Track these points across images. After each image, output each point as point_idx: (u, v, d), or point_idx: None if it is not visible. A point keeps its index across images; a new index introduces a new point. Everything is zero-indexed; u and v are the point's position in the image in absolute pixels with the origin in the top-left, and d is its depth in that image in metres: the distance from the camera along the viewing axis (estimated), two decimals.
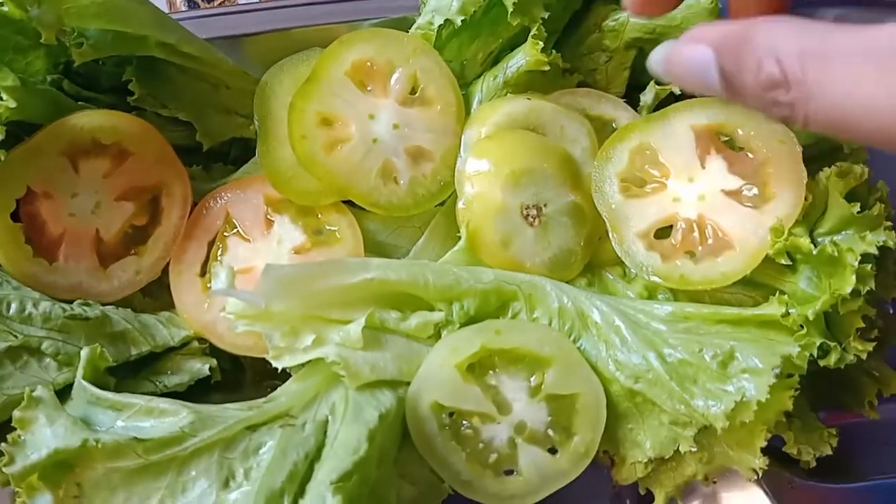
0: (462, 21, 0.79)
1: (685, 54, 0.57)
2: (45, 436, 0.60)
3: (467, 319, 0.72)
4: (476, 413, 0.68)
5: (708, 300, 0.74)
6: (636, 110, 0.82)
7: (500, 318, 0.73)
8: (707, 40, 0.55)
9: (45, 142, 0.71)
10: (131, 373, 0.72)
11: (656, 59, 0.60)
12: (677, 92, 0.80)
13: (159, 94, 0.78)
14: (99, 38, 0.72)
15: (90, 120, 0.73)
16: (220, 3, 1.09)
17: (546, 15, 0.77)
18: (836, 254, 0.66)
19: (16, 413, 0.61)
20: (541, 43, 0.77)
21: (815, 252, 0.67)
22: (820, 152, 0.77)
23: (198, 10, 1.05)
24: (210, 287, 0.75)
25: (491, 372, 0.69)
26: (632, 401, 0.70)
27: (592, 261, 0.77)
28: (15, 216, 0.72)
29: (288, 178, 0.76)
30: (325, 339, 0.69)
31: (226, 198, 0.78)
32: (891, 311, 0.75)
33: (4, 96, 0.66)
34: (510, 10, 0.75)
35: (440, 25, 0.80)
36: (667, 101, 0.81)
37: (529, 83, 0.80)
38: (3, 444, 0.59)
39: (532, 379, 0.69)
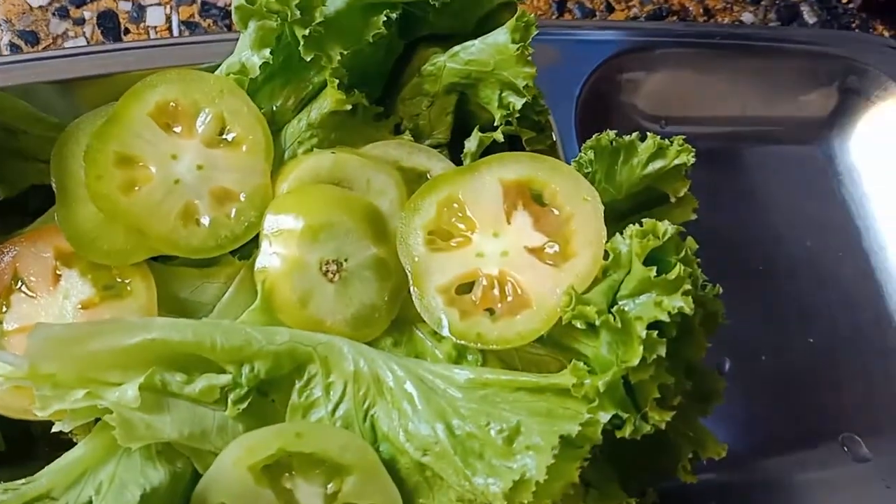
0: (265, 66, 0.76)
1: None
2: None
3: (257, 382, 0.68)
4: None
5: (518, 362, 0.71)
6: (461, 156, 0.78)
7: (297, 381, 0.69)
8: None
9: None
10: None
11: None
12: (500, 140, 0.77)
13: None
14: None
15: None
16: (44, 48, 1.05)
17: (342, 54, 0.73)
18: (620, 324, 0.63)
19: None
20: (338, 81, 0.74)
21: (599, 321, 0.64)
22: (639, 204, 0.74)
23: (21, 55, 1.01)
24: None
25: (287, 474, 0.65)
26: (422, 474, 0.66)
27: (402, 317, 0.74)
28: None
29: (91, 239, 0.72)
30: (98, 396, 0.65)
31: (14, 252, 0.74)
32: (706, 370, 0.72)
33: None
34: (301, 43, 0.72)
35: (241, 70, 0.77)
36: (491, 148, 0.78)
37: (337, 128, 0.78)
38: None
39: (329, 486, 0.65)
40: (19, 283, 0.73)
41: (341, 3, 0.74)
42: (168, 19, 1.08)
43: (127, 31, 1.07)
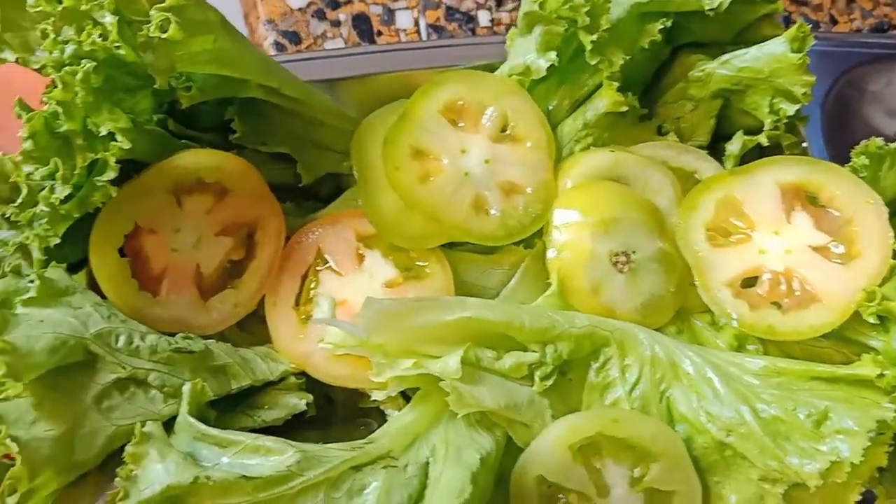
0: (548, 68, 0.81)
1: None
2: (156, 472, 0.62)
3: (560, 362, 0.73)
4: (576, 492, 0.69)
5: (798, 353, 0.76)
6: (721, 160, 0.83)
7: (592, 363, 0.74)
8: None
9: (153, 180, 0.73)
10: (230, 406, 0.74)
11: None
12: (765, 143, 0.82)
13: (259, 132, 0.80)
14: (205, 82, 0.74)
15: (196, 159, 0.76)
16: (306, 47, 1.11)
17: (623, 59, 0.78)
18: None
19: (128, 448, 0.62)
20: (616, 83, 0.79)
21: None
22: None
23: (286, 54, 1.07)
24: (305, 319, 0.76)
25: (598, 455, 0.70)
26: (721, 454, 0.71)
27: (681, 307, 0.79)
28: (120, 251, 0.74)
29: (393, 225, 0.78)
30: (424, 366, 0.70)
31: (317, 233, 0.80)
32: None
33: (119, 137, 0.67)
34: (588, 48, 0.77)
35: (525, 71, 0.82)
36: (752, 151, 0.83)
37: (609, 128, 0.82)
38: (116, 478, 0.61)
39: (636, 470, 0.70)
40: (326, 262, 0.79)
41: (622, 12, 0.79)
42: (416, 22, 1.14)
43: (379, 34, 1.13)
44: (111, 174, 0.67)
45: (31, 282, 0.69)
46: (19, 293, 0.69)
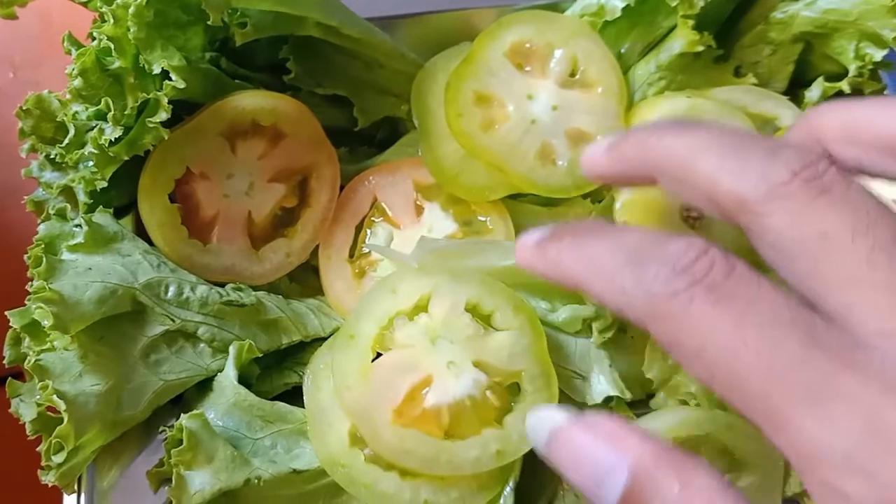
0: (623, 8, 0.76)
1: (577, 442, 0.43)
2: (206, 475, 0.61)
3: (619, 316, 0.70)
4: None
5: None
6: (801, 105, 0.78)
7: None
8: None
9: (206, 122, 0.70)
10: (275, 361, 0.72)
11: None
12: (846, 91, 0.77)
13: (315, 73, 0.76)
14: (260, 19, 0.69)
15: (252, 101, 0.72)
16: None
17: (704, 1, 0.73)
18: None
19: (174, 451, 0.60)
20: (691, 21, 0.74)
21: None
22: None
23: None
24: (360, 273, 0.74)
25: (695, 451, 0.67)
26: None
27: (752, 261, 0.75)
28: (170, 197, 0.71)
29: (454, 175, 0.74)
30: None
31: (373, 182, 0.76)
32: None
33: (174, 76, 0.64)
34: None
35: (598, 12, 0.77)
36: (831, 98, 0.78)
37: (684, 70, 0.77)
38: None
39: (727, 476, 0.67)
40: (382, 213, 0.75)
41: None
42: None
43: None
44: (164, 115, 0.64)
45: (78, 226, 0.67)
46: (64, 238, 0.67)
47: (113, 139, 0.64)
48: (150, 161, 0.70)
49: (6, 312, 0.64)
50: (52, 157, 0.70)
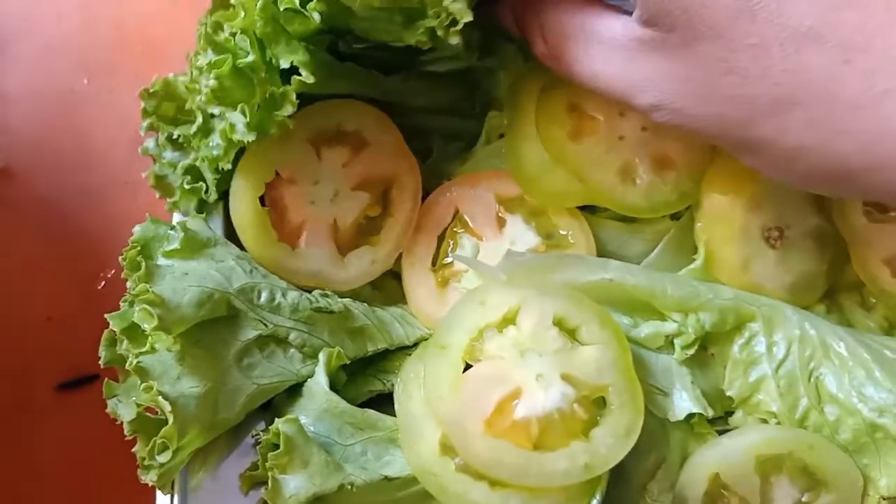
0: None
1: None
2: (301, 480, 0.62)
3: (702, 333, 0.71)
4: (741, 497, 0.68)
5: None
6: None
7: (736, 338, 0.72)
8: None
9: (294, 128, 0.70)
10: (360, 368, 0.73)
11: None
12: None
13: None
14: None
15: (336, 108, 0.74)
16: None
17: None
18: None
19: (270, 455, 0.62)
20: None
21: None
22: None
23: None
24: (443, 282, 0.75)
25: (777, 471, 0.69)
26: (871, 435, 0.68)
27: (830, 285, 0.76)
28: (261, 201, 0.73)
29: (534, 178, 0.75)
30: None
31: (455, 192, 0.77)
32: None
33: (303, 71, 0.65)
34: None
35: None
36: None
37: None
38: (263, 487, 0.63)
39: (806, 495, 0.69)
40: (464, 224, 0.77)
41: None
42: None
43: None
44: (290, 108, 0.66)
45: (172, 230, 0.68)
46: (159, 241, 0.69)
47: (242, 136, 0.66)
48: (241, 164, 0.72)
49: (106, 316, 0.65)
50: (174, 137, 0.72)
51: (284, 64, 0.64)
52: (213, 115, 0.68)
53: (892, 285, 0.72)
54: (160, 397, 0.61)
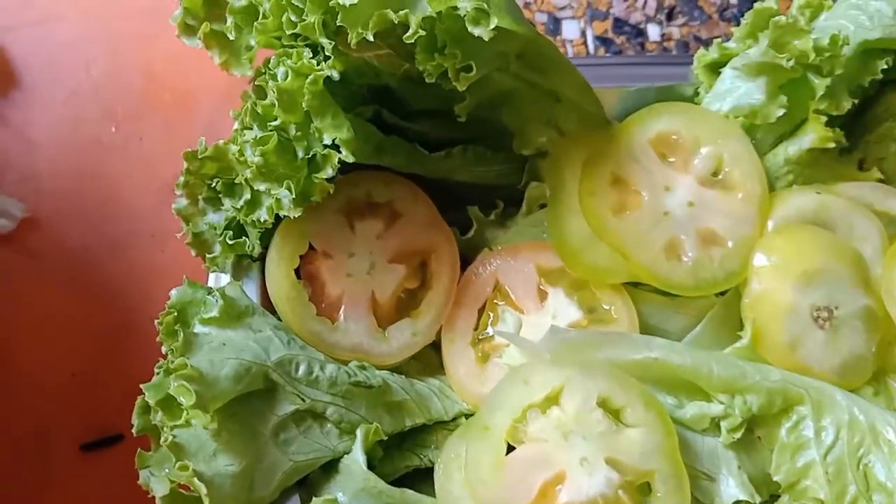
0: (781, 115, 0.76)
1: None
2: None
3: (749, 415, 0.69)
4: None
5: None
6: None
7: (783, 421, 0.70)
8: None
9: (325, 197, 0.70)
10: (398, 442, 0.71)
11: None
12: None
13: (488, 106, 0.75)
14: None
15: (365, 179, 0.74)
16: None
17: (851, 103, 0.74)
18: None
19: None
20: (824, 118, 0.74)
21: None
22: None
23: None
24: (483, 357, 0.73)
25: None
26: None
27: (879, 367, 0.74)
28: (297, 275, 0.72)
29: (576, 252, 0.74)
30: None
31: (496, 264, 0.76)
32: None
33: (343, 150, 0.65)
34: (820, 92, 0.72)
35: (750, 114, 0.77)
36: None
37: (812, 164, 0.77)
38: None
39: None
40: (505, 297, 0.75)
41: (849, 50, 0.73)
42: (583, 34, 1.09)
43: None
44: (330, 171, 0.66)
45: (210, 294, 0.67)
46: (196, 305, 0.68)
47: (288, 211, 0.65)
48: (275, 237, 0.72)
49: (142, 386, 0.64)
50: (216, 197, 0.72)
51: (327, 140, 0.64)
52: (259, 191, 0.67)
53: None
54: (196, 478, 0.59)
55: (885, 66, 0.74)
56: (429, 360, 0.76)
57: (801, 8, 0.76)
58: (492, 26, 0.61)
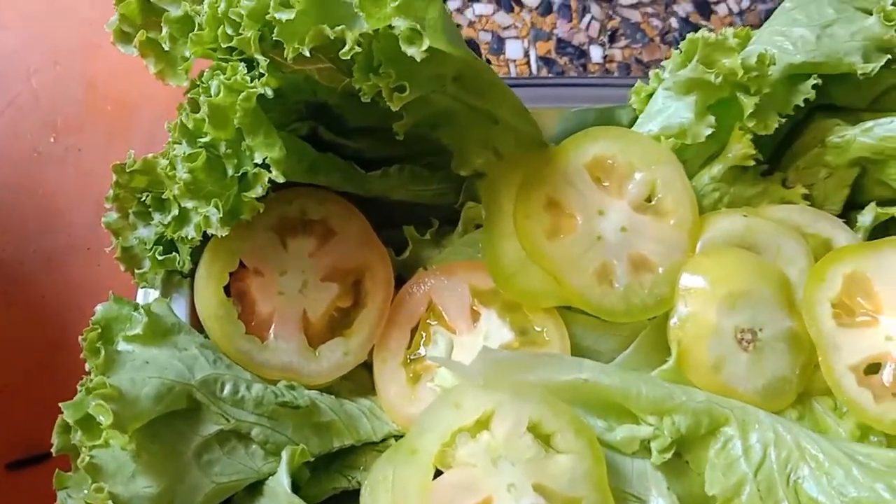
0: (710, 135, 0.76)
1: None
2: None
3: (678, 436, 0.69)
4: None
5: None
6: (854, 230, 0.79)
7: (711, 443, 0.70)
8: None
9: (255, 216, 0.69)
10: (325, 464, 0.71)
11: None
12: None
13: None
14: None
15: (299, 196, 0.74)
16: None
17: (778, 122, 0.75)
18: None
19: None
20: (749, 135, 0.75)
21: None
22: None
23: None
24: (415, 378, 0.73)
25: None
26: None
27: (803, 391, 0.75)
28: (227, 293, 0.71)
29: (510, 275, 0.74)
30: None
31: (429, 284, 0.76)
32: None
33: (273, 170, 0.64)
34: (748, 111, 0.73)
35: (679, 134, 0.77)
36: (886, 224, 0.79)
37: (734, 181, 0.79)
38: None
39: None
40: (438, 317, 0.75)
41: (776, 72, 0.74)
42: (526, 53, 1.10)
43: (488, 62, 1.08)
44: (260, 191, 0.65)
45: (136, 310, 0.66)
46: (121, 321, 0.67)
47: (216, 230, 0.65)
48: (204, 254, 0.71)
49: (61, 405, 0.62)
50: (146, 212, 0.71)
51: (258, 158, 0.63)
52: (187, 208, 0.66)
53: (857, 394, 0.71)
54: (111, 501, 0.58)
55: (811, 91, 0.75)
56: (360, 380, 0.75)
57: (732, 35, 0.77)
58: (424, 47, 0.61)
